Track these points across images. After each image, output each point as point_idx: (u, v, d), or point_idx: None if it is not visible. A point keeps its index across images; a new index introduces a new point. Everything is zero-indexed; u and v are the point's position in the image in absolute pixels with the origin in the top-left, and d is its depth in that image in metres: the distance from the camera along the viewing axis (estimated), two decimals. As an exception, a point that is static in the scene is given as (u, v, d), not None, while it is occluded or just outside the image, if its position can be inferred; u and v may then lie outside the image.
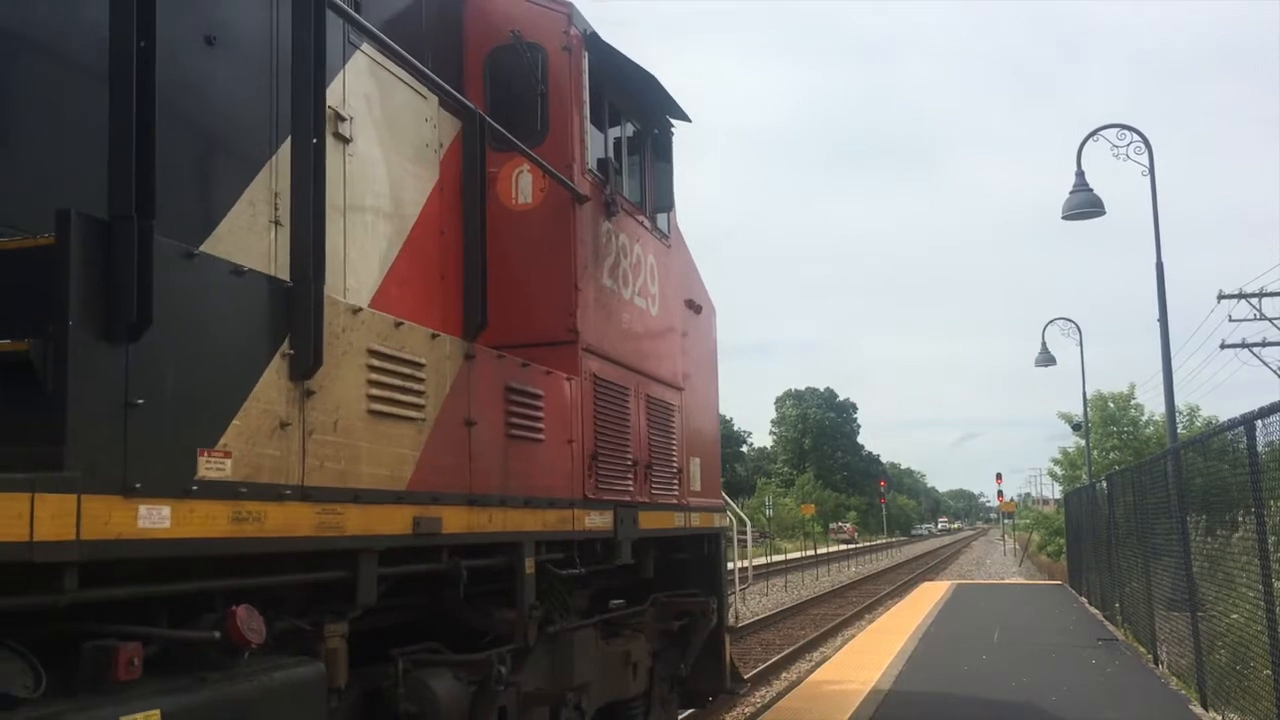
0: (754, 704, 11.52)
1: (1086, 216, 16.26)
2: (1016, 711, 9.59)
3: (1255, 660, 7.88)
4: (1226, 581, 8.80)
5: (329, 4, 3.80)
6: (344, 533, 3.75)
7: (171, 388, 2.98)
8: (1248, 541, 7.90)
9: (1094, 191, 16.14)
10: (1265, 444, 7.40)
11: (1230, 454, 8.45)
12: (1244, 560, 8.08)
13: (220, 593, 3.31)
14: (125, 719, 2.76)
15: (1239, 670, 8.55)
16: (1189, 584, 10.22)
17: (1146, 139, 15.89)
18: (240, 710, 3.16)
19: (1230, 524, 8.60)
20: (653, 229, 7.66)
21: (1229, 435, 8.38)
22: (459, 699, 4.61)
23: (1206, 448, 9.44)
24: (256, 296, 3.40)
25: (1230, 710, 8.73)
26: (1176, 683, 11.12)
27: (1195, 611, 9.93)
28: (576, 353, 6.01)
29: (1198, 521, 10.05)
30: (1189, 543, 10.21)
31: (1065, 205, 16.31)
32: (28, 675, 2.62)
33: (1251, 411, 7.44)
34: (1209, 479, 9.39)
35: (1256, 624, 7.71)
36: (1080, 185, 16.16)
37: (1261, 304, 25.82)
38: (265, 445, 3.37)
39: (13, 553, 2.48)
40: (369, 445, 3.94)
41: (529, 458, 5.30)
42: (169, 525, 2.94)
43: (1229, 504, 8.63)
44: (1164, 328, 15.63)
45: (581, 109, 6.36)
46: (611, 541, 6.43)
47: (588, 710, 6.49)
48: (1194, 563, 10.09)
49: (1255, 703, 7.86)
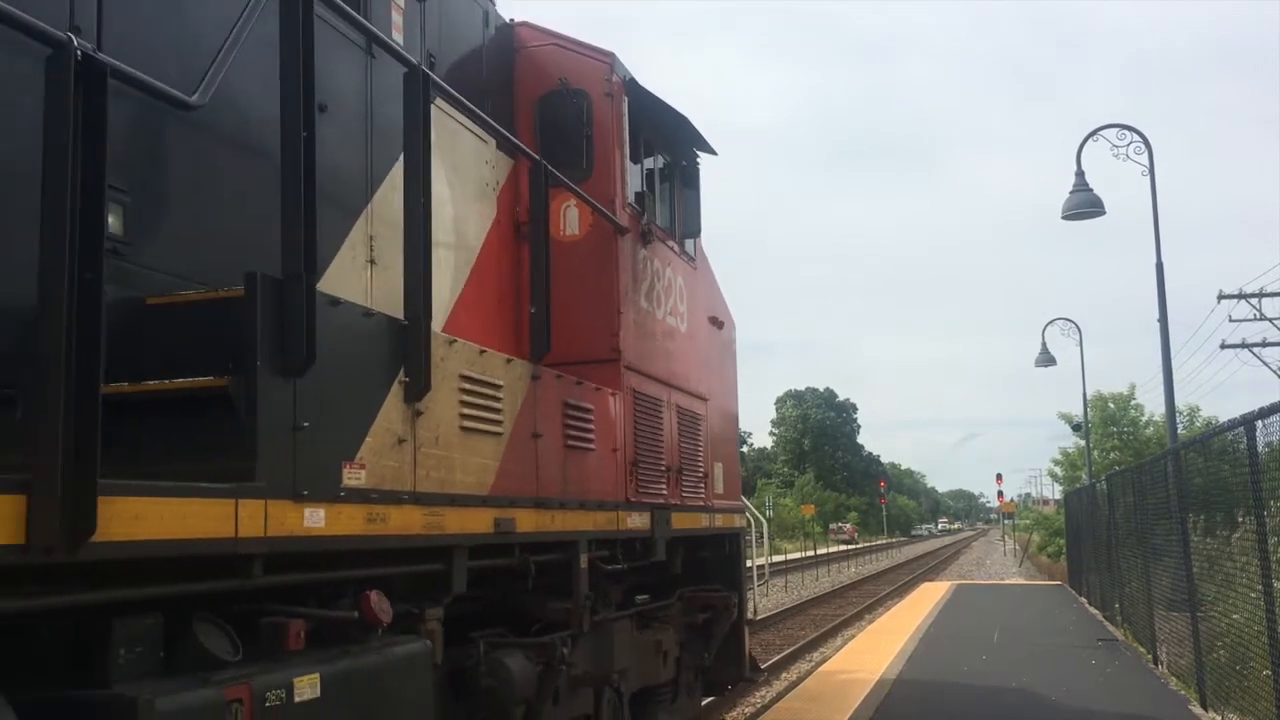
0: (754, 704, 11.65)
1: (1086, 216, 16.30)
2: (1016, 711, 9.64)
3: (1255, 660, 7.87)
4: (1226, 582, 8.80)
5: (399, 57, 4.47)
6: (444, 531, 4.42)
7: (324, 412, 3.65)
8: (1247, 541, 7.93)
9: (1094, 191, 16.17)
10: (1265, 444, 7.36)
11: (1230, 454, 8.42)
12: (1243, 560, 8.09)
13: (352, 580, 3.98)
14: (297, 680, 3.42)
15: (1238, 670, 8.53)
16: (1189, 584, 10.18)
17: (1146, 139, 15.90)
18: (373, 677, 3.83)
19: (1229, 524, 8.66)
20: (681, 253, 8.33)
21: (1229, 435, 8.36)
22: (529, 676, 5.29)
23: (1207, 448, 9.38)
24: (381, 334, 4.08)
25: (1230, 710, 8.69)
26: (1176, 683, 11.13)
27: (1195, 612, 9.91)
28: (619, 370, 6.68)
29: (1197, 522, 10.06)
30: (1189, 543, 10.18)
31: (1065, 205, 16.33)
32: (229, 645, 3.29)
33: (1252, 412, 7.41)
34: (1209, 479, 9.36)
35: (1256, 624, 7.71)
36: (1080, 185, 16.18)
37: (1261, 304, 26.04)
38: (388, 458, 4.04)
39: (224, 547, 3.16)
40: (461, 456, 4.61)
41: (582, 465, 5.97)
42: (323, 525, 3.61)
43: (1229, 504, 8.65)
44: (1164, 328, 15.63)
45: (622, 148, 7.03)
46: (649, 540, 7.10)
47: (625, 693, 7.16)
48: (1194, 563, 10.06)
49: (1255, 703, 7.85)
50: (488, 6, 6.80)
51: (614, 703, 6.92)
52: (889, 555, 60.91)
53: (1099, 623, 17.66)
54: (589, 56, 7.01)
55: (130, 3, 3.75)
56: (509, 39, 7.04)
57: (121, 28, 3.66)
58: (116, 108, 2.98)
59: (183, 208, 3.96)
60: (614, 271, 6.76)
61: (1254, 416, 7.35)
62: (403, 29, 5.62)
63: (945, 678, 11.54)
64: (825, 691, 10.42)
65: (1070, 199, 16.26)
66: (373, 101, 5.13)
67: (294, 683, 3.40)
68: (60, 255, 2.61)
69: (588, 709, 6.51)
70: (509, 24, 7.08)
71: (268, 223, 4.09)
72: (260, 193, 4.08)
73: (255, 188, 4.14)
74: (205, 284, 3.75)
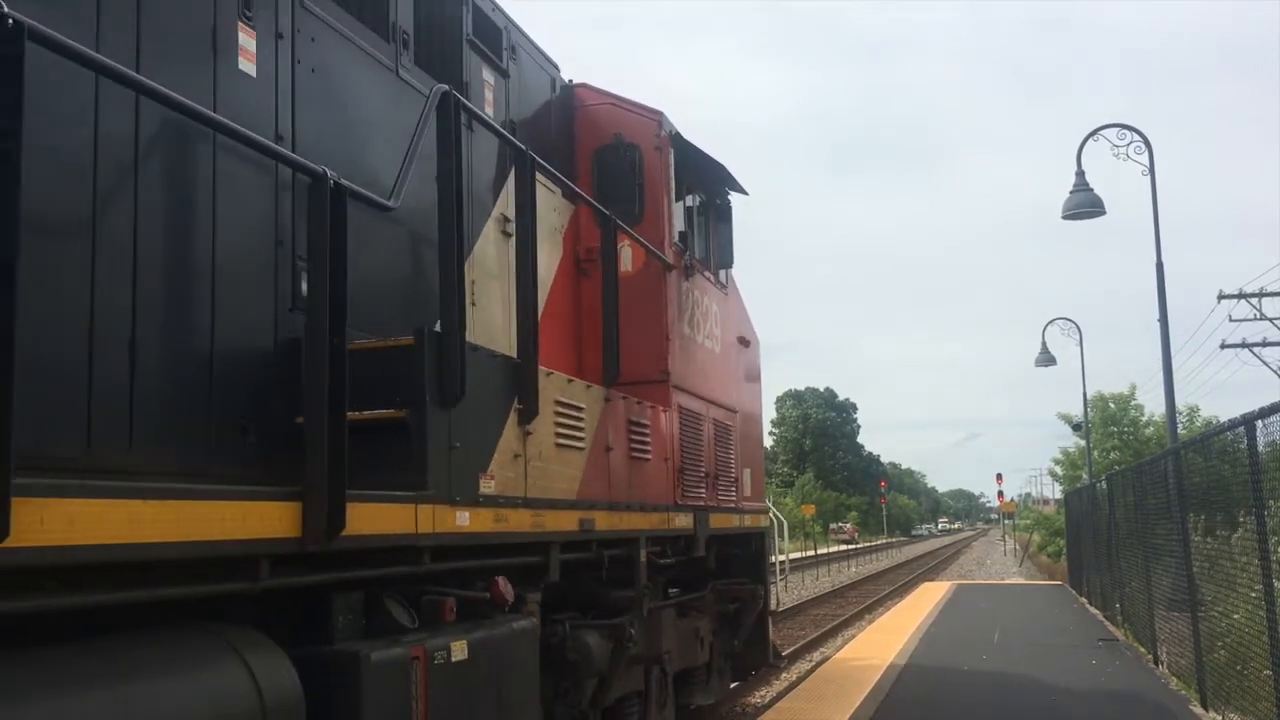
0: (754, 703, 11.69)
1: (1086, 216, 16.27)
2: (1017, 713, 9.62)
3: (1255, 660, 7.85)
4: (1226, 582, 8.78)
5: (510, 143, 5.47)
6: (545, 529, 5.41)
7: (467, 434, 4.64)
8: (1247, 541, 7.94)
9: (1094, 191, 16.13)
10: (1265, 444, 7.35)
11: (1231, 454, 8.42)
12: (1244, 560, 8.09)
13: (484, 569, 4.97)
14: (453, 644, 4.41)
15: (1239, 670, 8.49)
16: (1189, 584, 10.15)
17: (1147, 139, 15.86)
18: (501, 645, 4.82)
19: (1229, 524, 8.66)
20: (715, 281, 9.32)
21: (1229, 435, 8.38)
22: (604, 652, 6.28)
23: (1207, 448, 9.38)
24: (503, 371, 5.07)
25: (1230, 710, 8.68)
26: (1177, 683, 11.07)
27: (1195, 611, 9.89)
28: (668, 389, 7.67)
29: (1197, 522, 10.02)
30: (1189, 543, 10.16)
31: (1065, 205, 16.29)
32: (408, 616, 4.28)
33: (1252, 412, 7.41)
34: (1209, 479, 9.35)
35: (1256, 624, 7.71)
36: (1080, 185, 16.15)
37: (1261, 304, 26.06)
38: (508, 470, 5.03)
39: (409, 540, 4.14)
40: (556, 467, 5.60)
41: (641, 473, 6.96)
42: (469, 524, 4.60)
43: (1229, 504, 8.65)
44: (1164, 328, 15.62)
45: (669, 195, 8.02)
46: (691, 538, 8.08)
47: (669, 673, 8.14)
48: (1194, 563, 10.03)
49: (1255, 703, 7.83)
50: (554, 74, 7.78)
51: (660, 680, 7.91)
52: (889, 555, 60.52)
53: (1099, 623, 17.68)
54: (640, 114, 8.00)
55: (313, 116, 4.73)
56: (570, 99, 8.02)
57: (307, 137, 4.65)
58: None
59: (353, 270, 4.96)
60: (663, 303, 7.75)
61: (1254, 416, 7.35)
62: (493, 103, 6.61)
63: (947, 678, 11.53)
64: (826, 692, 10.42)
65: (1070, 199, 16.26)
66: (471, 169, 6.11)
67: (451, 646, 4.39)
68: (321, 323, 3.59)
69: (639, 685, 7.49)
70: (570, 85, 8.06)
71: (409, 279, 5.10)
72: (401, 256, 5.09)
73: (399, 253, 5.14)
74: (367, 331, 4.71)
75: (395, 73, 5.48)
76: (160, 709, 2.92)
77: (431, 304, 5.30)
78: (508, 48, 6.87)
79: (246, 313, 4.17)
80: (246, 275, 4.20)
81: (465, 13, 6.27)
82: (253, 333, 4.22)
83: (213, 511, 3.12)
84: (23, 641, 2.75)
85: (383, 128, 5.30)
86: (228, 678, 3.22)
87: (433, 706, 4.15)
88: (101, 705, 2.76)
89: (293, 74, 4.61)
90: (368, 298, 4.98)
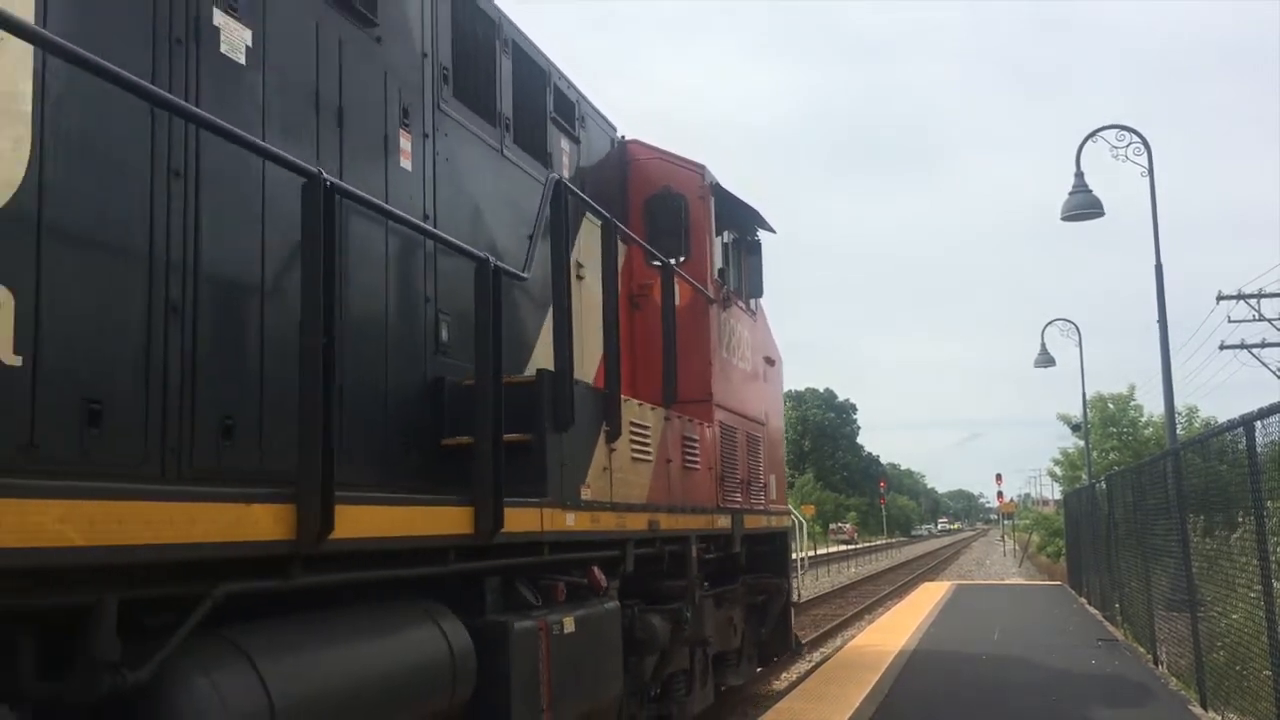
0: (755, 702, 11.79)
1: (1086, 217, 16.28)
2: (1017, 711, 9.69)
3: (1254, 660, 7.88)
4: (1225, 582, 8.81)
5: (586, 205, 6.63)
6: (625, 529, 6.58)
7: (572, 453, 5.81)
8: (1246, 542, 7.98)
9: (1093, 192, 16.14)
10: (1264, 445, 7.38)
11: (1230, 455, 8.47)
12: (1243, 561, 8.12)
13: (577, 560, 6.14)
14: (565, 618, 5.58)
15: (1238, 670, 8.52)
16: (1188, 584, 10.17)
17: (1145, 140, 15.90)
18: (597, 622, 5.99)
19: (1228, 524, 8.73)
20: (746, 309, 10.50)
21: (1228, 436, 8.42)
22: (664, 632, 7.46)
23: (1206, 448, 9.43)
24: (595, 400, 6.24)
25: (1230, 710, 8.70)
26: (1176, 683, 11.08)
27: (1195, 612, 9.92)
28: (711, 408, 8.84)
29: (1197, 522, 10.04)
30: (1188, 543, 10.17)
31: (1064, 206, 16.31)
32: (533, 596, 5.45)
33: (1251, 412, 7.45)
34: (1208, 480, 9.37)
35: (1255, 624, 7.73)
36: (1079, 186, 16.18)
37: (1260, 305, 26.12)
38: (599, 480, 6.20)
39: (535, 536, 5.32)
40: (632, 478, 6.77)
41: (692, 480, 8.13)
42: (574, 524, 5.77)
43: (1228, 504, 8.71)
44: (1163, 329, 15.67)
45: (711, 237, 9.20)
46: (729, 537, 9.25)
47: (710, 655, 9.31)
48: (1193, 563, 10.06)
49: (1255, 703, 7.87)
50: (612, 134, 8.96)
51: (703, 660, 9.08)
52: (889, 555, 60.23)
53: (1099, 623, 17.69)
54: (686, 168, 9.18)
55: (446, 197, 5.90)
56: (624, 153, 9.20)
57: (443, 213, 5.83)
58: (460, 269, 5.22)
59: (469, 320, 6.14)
60: (707, 332, 8.93)
61: (1253, 417, 7.40)
62: (568, 165, 7.79)
63: (947, 677, 11.63)
64: (827, 692, 10.54)
65: (1070, 200, 16.29)
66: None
67: (564, 620, 5.57)
68: (487, 362, 4.77)
69: (686, 664, 8.66)
70: (623, 141, 9.23)
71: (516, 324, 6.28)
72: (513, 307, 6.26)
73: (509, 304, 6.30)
74: None
75: (500, 152, 6.67)
76: (396, 651, 4.11)
77: (521, 339, 6.45)
78: (579, 118, 8.05)
79: (407, 357, 5.34)
80: (407, 327, 5.38)
81: (549, 95, 7.45)
82: (410, 372, 5.39)
83: (426, 515, 4.30)
84: (305, 606, 3.92)
85: (492, 199, 6.49)
86: (430, 635, 4.40)
87: (553, 666, 5.32)
88: (364, 649, 3.95)
89: (434, 165, 5.79)
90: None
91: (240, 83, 4.25)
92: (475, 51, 6.40)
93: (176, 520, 3.00)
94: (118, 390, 3.47)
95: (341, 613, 4.07)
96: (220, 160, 4.00)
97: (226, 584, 3.24)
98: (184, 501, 3.06)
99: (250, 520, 3.29)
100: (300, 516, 3.48)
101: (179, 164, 3.85)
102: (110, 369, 3.45)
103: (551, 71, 7.53)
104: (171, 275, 3.75)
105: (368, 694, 3.82)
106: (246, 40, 4.28)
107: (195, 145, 3.91)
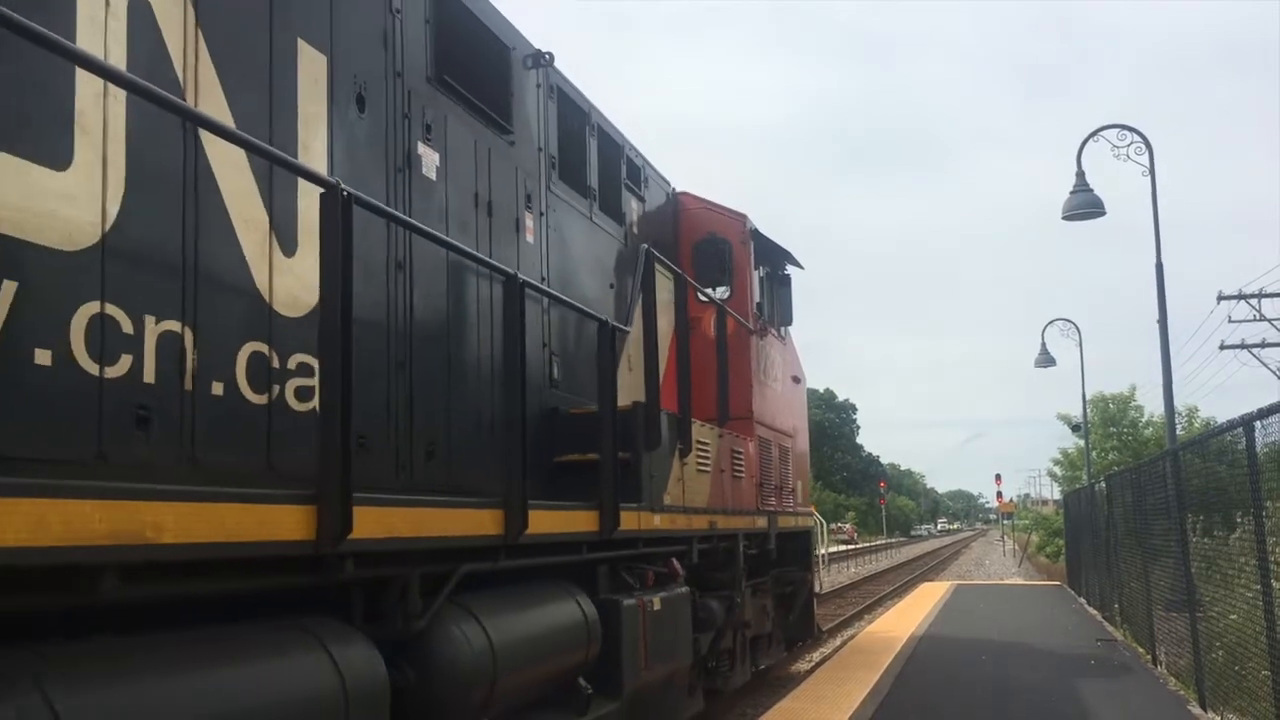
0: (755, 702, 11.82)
1: (1087, 217, 16.33)
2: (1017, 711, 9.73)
3: (1253, 660, 7.89)
4: (1225, 582, 8.84)
5: (664, 264, 8.10)
6: (692, 528, 8.04)
7: (658, 467, 7.26)
8: (1245, 542, 8.00)
9: (1094, 192, 16.20)
10: (1264, 445, 7.39)
11: (1229, 455, 8.50)
12: (1242, 561, 8.15)
13: (658, 553, 7.59)
14: (654, 598, 7.03)
15: (1237, 671, 8.53)
16: (1188, 585, 10.20)
17: (1147, 139, 15.96)
18: (677, 603, 7.45)
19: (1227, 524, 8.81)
20: (778, 335, 11.97)
21: (1228, 436, 8.45)
22: (720, 614, 8.93)
23: (1205, 449, 9.47)
24: (671, 424, 7.70)
25: (1229, 710, 8.71)
26: (1175, 683, 11.11)
27: (1194, 612, 9.96)
28: (752, 424, 10.31)
29: (1196, 522, 10.08)
30: (1188, 543, 10.20)
31: (1065, 206, 16.38)
32: (632, 581, 6.91)
33: (1250, 413, 7.49)
34: (1208, 480, 9.39)
35: (1254, 624, 7.76)
36: (1080, 186, 16.26)
37: (1261, 305, 26.12)
38: (675, 489, 7.66)
39: (634, 534, 6.77)
40: (697, 486, 8.23)
41: (738, 487, 9.59)
42: (659, 524, 7.23)
43: (1227, 504, 8.74)
44: (1164, 329, 15.77)
45: (751, 277, 10.66)
46: (765, 535, 10.71)
47: (748, 637, 10.76)
48: (1192, 563, 10.09)
49: (1253, 703, 7.88)
50: (668, 189, 10.42)
51: (743, 642, 10.54)
52: (888, 555, 59.48)
53: (1098, 623, 17.73)
54: (730, 217, 10.66)
55: (555, 262, 7.35)
56: (676, 203, 10.66)
57: (552, 275, 7.28)
58: (565, 316, 6.67)
59: (573, 359, 7.59)
60: (748, 358, 10.40)
61: (1253, 417, 7.45)
62: (636, 221, 9.25)
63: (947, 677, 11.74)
64: (826, 692, 10.61)
65: (1070, 199, 16.35)
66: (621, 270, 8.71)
67: (654, 600, 7.03)
68: (607, 401, 6.22)
69: (730, 644, 10.12)
70: (675, 193, 10.69)
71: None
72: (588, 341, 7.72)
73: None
74: (578, 399, 7.28)
75: (590, 219, 8.12)
76: (559, 615, 5.61)
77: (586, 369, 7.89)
78: (644, 180, 9.51)
79: (531, 391, 6.78)
80: (532, 368, 6.82)
81: (623, 165, 8.91)
82: (533, 403, 6.84)
83: (572, 517, 5.77)
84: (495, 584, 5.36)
85: (585, 257, 7.95)
86: (574, 608, 5.88)
87: (648, 634, 6.78)
88: (541, 613, 5.42)
89: (547, 236, 7.25)
90: (582, 378, 7.63)
91: (434, 195, 5.72)
92: (572, 139, 7.86)
93: (443, 519, 4.48)
94: (373, 426, 4.93)
95: (520, 588, 5.53)
96: (425, 255, 5.46)
97: (467, 564, 4.71)
98: (450, 509, 4.54)
99: (480, 520, 4.77)
100: (508, 518, 4.95)
101: (401, 257, 5.31)
102: (370, 410, 4.91)
103: (625, 145, 8.99)
104: (395, 341, 5.20)
105: (545, 643, 5.32)
106: (436, 162, 5.74)
107: (409, 245, 5.36)
